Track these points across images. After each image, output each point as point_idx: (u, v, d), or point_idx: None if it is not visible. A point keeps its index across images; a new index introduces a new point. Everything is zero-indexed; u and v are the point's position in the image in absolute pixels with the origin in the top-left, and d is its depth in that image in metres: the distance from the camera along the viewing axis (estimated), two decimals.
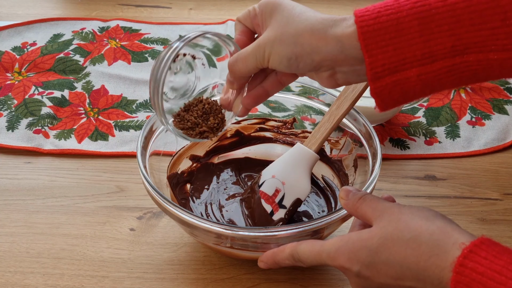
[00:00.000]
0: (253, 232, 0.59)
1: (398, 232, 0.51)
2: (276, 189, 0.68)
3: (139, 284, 0.66)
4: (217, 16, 1.14)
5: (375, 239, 0.52)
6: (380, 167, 0.64)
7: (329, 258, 0.55)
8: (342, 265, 0.54)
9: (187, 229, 0.63)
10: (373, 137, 0.68)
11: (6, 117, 0.89)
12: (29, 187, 0.79)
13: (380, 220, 0.53)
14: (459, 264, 0.47)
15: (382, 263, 0.51)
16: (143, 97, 0.93)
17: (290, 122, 0.79)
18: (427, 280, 0.49)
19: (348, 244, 0.54)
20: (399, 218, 0.52)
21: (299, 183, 0.68)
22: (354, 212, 0.57)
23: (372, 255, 0.52)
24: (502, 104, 0.92)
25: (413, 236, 0.50)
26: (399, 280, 0.51)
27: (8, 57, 1.01)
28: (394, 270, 0.51)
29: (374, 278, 0.52)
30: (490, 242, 0.48)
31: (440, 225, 0.51)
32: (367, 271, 0.52)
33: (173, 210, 0.61)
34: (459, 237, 0.49)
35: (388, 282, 0.52)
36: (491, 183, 0.80)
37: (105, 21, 1.10)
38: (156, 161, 0.70)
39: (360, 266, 0.53)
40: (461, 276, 0.47)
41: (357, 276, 0.53)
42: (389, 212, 0.53)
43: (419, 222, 0.51)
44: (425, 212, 0.53)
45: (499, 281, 0.45)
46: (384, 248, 0.51)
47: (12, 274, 0.67)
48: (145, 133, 0.69)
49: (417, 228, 0.51)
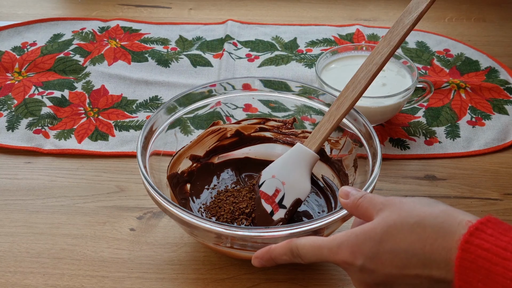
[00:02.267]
0: (253, 232, 0.59)
1: (402, 219, 0.51)
2: (276, 189, 0.68)
3: (139, 284, 0.66)
4: (217, 16, 1.14)
5: (378, 229, 0.51)
6: (380, 167, 0.64)
7: (331, 253, 0.54)
8: (345, 260, 0.53)
9: (187, 229, 0.63)
10: (373, 137, 0.68)
11: (6, 117, 0.89)
12: (29, 187, 0.79)
13: (382, 212, 0.53)
14: (465, 241, 0.47)
15: (387, 253, 0.51)
16: (143, 97, 0.93)
17: (290, 122, 0.79)
18: (434, 264, 0.49)
19: (351, 238, 0.53)
20: (400, 207, 0.52)
21: (299, 183, 0.68)
22: (354, 211, 0.57)
23: (376, 245, 0.51)
24: (502, 104, 0.92)
25: (417, 221, 0.50)
26: (405, 269, 0.50)
27: (8, 57, 1.01)
28: (399, 258, 0.50)
29: (379, 270, 0.51)
30: (497, 221, 0.47)
31: (444, 209, 0.50)
32: (372, 263, 0.51)
33: (173, 210, 0.61)
34: (464, 217, 0.49)
35: (393, 272, 0.51)
36: (491, 183, 0.80)
37: (105, 21, 1.10)
38: (156, 161, 0.70)
39: (364, 259, 0.52)
40: (466, 253, 0.46)
41: (361, 271, 0.52)
42: (390, 204, 0.53)
43: (422, 208, 0.51)
44: (426, 199, 0.53)
45: (504, 257, 0.45)
46: (388, 237, 0.51)
47: (12, 274, 0.67)
48: (145, 133, 0.69)
49: (420, 214, 0.50)
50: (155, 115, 0.70)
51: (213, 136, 0.78)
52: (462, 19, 1.15)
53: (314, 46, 1.05)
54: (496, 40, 1.08)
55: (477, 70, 1.00)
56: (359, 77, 0.67)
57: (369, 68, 0.67)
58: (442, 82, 0.96)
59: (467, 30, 1.11)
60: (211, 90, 0.75)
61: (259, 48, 1.04)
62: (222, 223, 0.60)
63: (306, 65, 1.00)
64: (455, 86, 0.95)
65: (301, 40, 1.06)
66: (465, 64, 1.01)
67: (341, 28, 1.09)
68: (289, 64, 1.00)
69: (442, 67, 1.00)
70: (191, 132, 0.77)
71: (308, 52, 1.03)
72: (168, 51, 1.03)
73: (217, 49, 1.04)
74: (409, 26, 0.66)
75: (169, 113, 0.72)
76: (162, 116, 0.72)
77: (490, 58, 1.02)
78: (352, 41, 1.05)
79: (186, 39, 1.06)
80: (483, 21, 1.14)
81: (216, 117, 0.79)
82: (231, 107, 0.81)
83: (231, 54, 1.02)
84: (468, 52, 1.04)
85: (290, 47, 1.04)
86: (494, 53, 1.03)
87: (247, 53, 1.03)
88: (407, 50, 1.04)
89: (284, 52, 1.03)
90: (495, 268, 0.45)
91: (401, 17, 0.67)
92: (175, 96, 0.73)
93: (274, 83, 0.76)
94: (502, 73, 0.99)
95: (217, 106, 0.78)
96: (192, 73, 0.99)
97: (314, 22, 1.12)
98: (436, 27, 1.11)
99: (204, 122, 0.78)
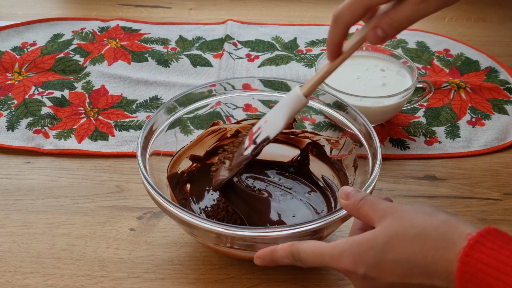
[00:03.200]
0: (252, 232, 0.59)
1: (403, 229, 0.51)
2: (259, 127, 0.66)
3: (139, 284, 0.66)
4: (217, 16, 1.14)
5: (380, 239, 0.52)
6: (380, 167, 0.64)
7: (333, 261, 0.54)
8: (347, 268, 0.53)
9: (187, 229, 0.63)
10: (373, 137, 0.68)
11: (6, 117, 0.89)
12: (29, 187, 0.79)
13: (384, 220, 0.53)
14: (465, 254, 0.47)
15: (388, 262, 0.51)
16: (143, 97, 0.93)
17: (290, 122, 0.79)
18: (435, 275, 0.49)
19: (353, 246, 0.53)
20: (402, 216, 0.52)
21: (275, 121, 0.65)
22: (355, 214, 0.57)
23: (378, 255, 0.51)
24: (502, 104, 0.92)
25: (419, 232, 0.50)
26: (406, 278, 0.51)
27: (8, 57, 1.01)
28: (401, 268, 0.50)
29: (381, 279, 0.52)
30: (497, 232, 0.48)
31: (444, 219, 0.51)
32: (374, 272, 0.52)
33: (173, 210, 0.61)
34: (465, 228, 0.49)
35: (395, 281, 0.51)
36: (491, 183, 0.80)
37: (105, 21, 1.10)
38: (156, 161, 0.70)
39: (366, 268, 0.52)
40: (466, 266, 0.47)
41: (363, 279, 0.53)
42: (391, 212, 0.53)
43: (423, 218, 0.51)
44: (426, 208, 0.53)
45: (505, 272, 0.45)
46: (390, 247, 0.51)
47: (12, 274, 0.67)
48: (145, 133, 0.69)
49: (421, 224, 0.51)
50: (155, 115, 0.70)
51: (213, 136, 0.78)
52: (462, 19, 1.15)
53: (314, 46, 1.05)
54: (496, 40, 1.08)
55: (477, 70, 1.00)
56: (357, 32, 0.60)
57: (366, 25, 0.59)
58: (442, 82, 0.96)
59: (467, 30, 1.11)
60: (211, 90, 0.75)
61: (259, 48, 1.04)
62: (222, 223, 0.60)
63: (306, 65, 1.00)
64: (455, 86, 0.95)
65: (301, 40, 1.06)
66: (465, 64, 1.01)
67: None
68: (289, 64, 1.00)
69: (442, 67, 1.00)
70: (191, 132, 0.77)
71: (308, 52, 1.03)
72: (168, 51, 1.03)
73: (217, 49, 1.04)
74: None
75: (169, 113, 0.72)
76: (162, 116, 0.72)
77: (490, 58, 1.02)
78: None
79: (186, 39, 1.06)
80: (483, 21, 1.14)
81: (216, 117, 0.79)
82: (231, 107, 0.81)
83: (231, 54, 1.02)
84: (468, 52, 1.04)
85: (290, 47, 1.04)
86: (494, 53, 1.04)
87: (247, 53, 1.03)
88: (407, 50, 1.04)
89: (284, 52, 1.03)
90: (496, 283, 0.46)
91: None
92: (175, 96, 0.73)
93: (274, 83, 0.76)
94: (502, 73, 0.99)
95: (217, 106, 0.78)
96: (192, 73, 0.99)
97: (314, 22, 1.12)
98: (436, 27, 1.11)
99: (204, 122, 0.78)
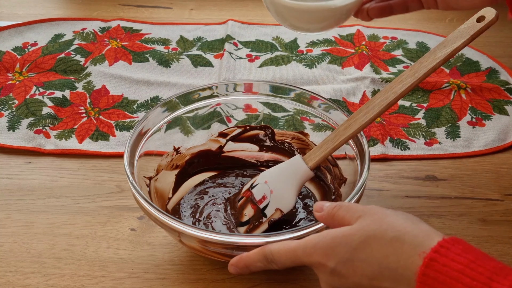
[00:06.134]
0: (250, 238, 0.60)
1: (382, 231, 0.51)
2: (264, 196, 0.67)
3: (140, 284, 0.66)
4: (218, 16, 1.14)
5: (356, 236, 0.51)
6: (368, 170, 0.64)
7: (305, 254, 0.53)
8: (318, 260, 0.52)
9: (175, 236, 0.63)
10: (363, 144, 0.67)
11: (7, 117, 0.89)
12: (30, 187, 0.79)
13: (363, 219, 0.52)
14: (422, 273, 0.47)
15: (360, 261, 0.51)
16: (143, 97, 0.94)
17: (268, 135, 0.78)
18: (402, 280, 0.49)
19: (326, 238, 0.52)
20: (382, 218, 0.52)
21: (285, 197, 0.67)
22: (330, 221, 0.56)
23: (351, 251, 0.51)
24: (503, 105, 0.92)
25: (397, 236, 0.50)
26: (374, 281, 0.50)
27: (9, 57, 1.01)
28: (372, 269, 0.50)
29: (349, 277, 0.51)
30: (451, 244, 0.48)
31: (425, 230, 0.50)
32: (343, 268, 0.51)
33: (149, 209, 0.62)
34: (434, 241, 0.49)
35: (362, 282, 0.51)
36: (492, 183, 0.80)
37: (106, 21, 1.10)
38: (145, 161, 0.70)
39: (336, 263, 0.51)
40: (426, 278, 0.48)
41: (331, 274, 0.52)
42: (371, 213, 0.53)
43: (404, 224, 0.51)
44: (410, 216, 0.52)
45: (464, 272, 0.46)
46: (364, 245, 0.50)
47: (12, 274, 0.67)
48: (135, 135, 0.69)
49: (401, 229, 0.50)
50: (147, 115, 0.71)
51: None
52: (463, 20, 1.13)
53: (314, 47, 1.05)
54: (496, 41, 1.08)
55: (477, 71, 1.00)
56: (374, 103, 0.65)
57: (386, 96, 0.64)
58: (443, 82, 0.96)
59: None
60: (211, 90, 0.75)
61: (259, 48, 1.04)
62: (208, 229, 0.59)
63: (306, 66, 1.00)
64: (455, 87, 0.95)
65: (301, 41, 1.06)
66: (466, 64, 1.01)
67: (341, 29, 1.09)
68: (290, 64, 1.00)
69: (442, 67, 1.00)
70: (192, 132, 0.77)
71: (309, 53, 1.03)
72: (169, 51, 1.03)
73: (218, 49, 1.04)
74: (440, 61, 0.64)
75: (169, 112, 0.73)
76: (159, 115, 0.72)
77: (491, 58, 1.02)
78: (353, 41, 1.06)
79: (187, 39, 1.06)
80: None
81: (216, 117, 0.79)
82: (231, 107, 0.81)
83: (231, 54, 1.02)
84: (468, 52, 1.03)
85: (291, 48, 1.05)
86: (494, 53, 1.03)
87: (247, 53, 1.03)
88: (407, 50, 1.04)
89: (285, 53, 1.03)
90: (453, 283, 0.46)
91: (435, 49, 0.65)
92: (173, 96, 0.74)
93: (274, 87, 0.76)
94: (502, 73, 0.99)
95: (217, 106, 0.78)
96: (193, 73, 0.99)
97: None
98: (437, 27, 1.11)
99: (204, 122, 0.78)
